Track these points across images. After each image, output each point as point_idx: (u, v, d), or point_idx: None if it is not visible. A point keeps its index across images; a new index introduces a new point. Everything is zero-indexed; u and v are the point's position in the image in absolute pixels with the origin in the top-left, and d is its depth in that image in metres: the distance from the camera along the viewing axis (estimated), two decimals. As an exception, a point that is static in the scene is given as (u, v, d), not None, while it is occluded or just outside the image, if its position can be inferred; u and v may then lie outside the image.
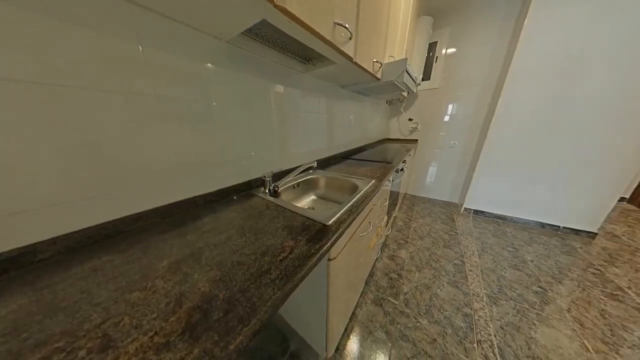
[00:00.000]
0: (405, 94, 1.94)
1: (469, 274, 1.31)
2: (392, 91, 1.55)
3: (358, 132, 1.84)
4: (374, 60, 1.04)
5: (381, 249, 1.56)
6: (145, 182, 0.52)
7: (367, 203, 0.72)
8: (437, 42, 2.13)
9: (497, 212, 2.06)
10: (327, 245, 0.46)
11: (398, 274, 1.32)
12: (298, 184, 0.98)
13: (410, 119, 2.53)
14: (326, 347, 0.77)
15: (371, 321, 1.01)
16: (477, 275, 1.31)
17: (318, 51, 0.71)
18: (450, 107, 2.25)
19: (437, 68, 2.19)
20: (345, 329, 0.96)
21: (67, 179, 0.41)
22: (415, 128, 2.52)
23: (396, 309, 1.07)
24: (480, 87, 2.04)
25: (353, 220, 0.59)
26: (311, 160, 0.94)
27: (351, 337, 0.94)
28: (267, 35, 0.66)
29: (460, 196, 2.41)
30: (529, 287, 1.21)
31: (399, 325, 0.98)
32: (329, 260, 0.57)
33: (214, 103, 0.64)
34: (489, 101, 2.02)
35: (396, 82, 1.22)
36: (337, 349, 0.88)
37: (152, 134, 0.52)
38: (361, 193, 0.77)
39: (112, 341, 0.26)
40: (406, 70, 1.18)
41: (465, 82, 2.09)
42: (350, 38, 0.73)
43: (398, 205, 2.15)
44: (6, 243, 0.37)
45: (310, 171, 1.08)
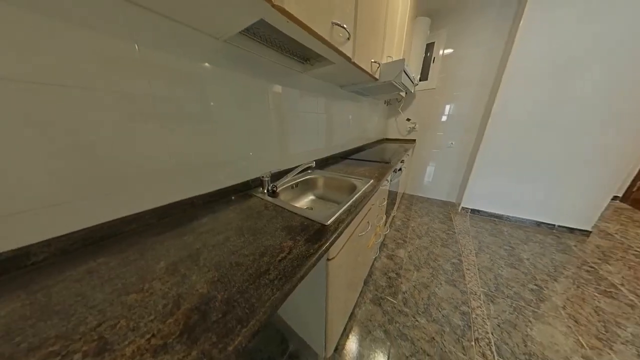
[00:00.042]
0: (403, 94, 1.95)
1: (467, 273, 1.32)
2: (390, 91, 1.56)
3: (356, 132, 1.84)
4: (372, 60, 1.04)
5: (380, 249, 1.57)
6: (141, 183, 0.52)
7: (366, 203, 0.73)
8: (434, 42, 2.14)
9: (494, 211, 2.08)
10: (326, 245, 0.46)
11: (397, 273, 1.33)
12: (297, 184, 0.98)
13: (408, 119, 2.54)
14: (325, 347, 0.76)
15: (370, 320, 1.01)
16: (474, 273, 1.32)
17: (316, 51, 0.71)
18: (447, 108, 2.27)
19: (434, 68, 2.21)
20: (344, 329, 0.96)
21: (61, 180, 0.40)
22: (413, 128, 2.54)
23: (395, 308, 1.08)
24: (476, 88, 2.06)
25: (352, 220, 0.59)
26: (310, 160, 0.94)
27: (350, 336, 0.94)
28: (265, 35, 0.65)
29: (458, 195, 2.43)
30: (525, 285, 1.23)
31: (397, 324, 0.99)
32: (328, 260, 0.57)
33: (212, 103, 0.64)
34: (485, 101, 2.04)
35: (394, 83, 1.23)
36: (336, 349, 0.88)
37: (147, 134, 0.51)
38: (360, 193, 0.77)
39: (108, 344, 0.26)
40: (404, 71, 1.19)
41: (462, 82, 2.11)
42: (348, 38, 0.73)
43: (396, 205, 2.16)
44: (-2, 245, 0.36)
45: (309, 171, 1.08)
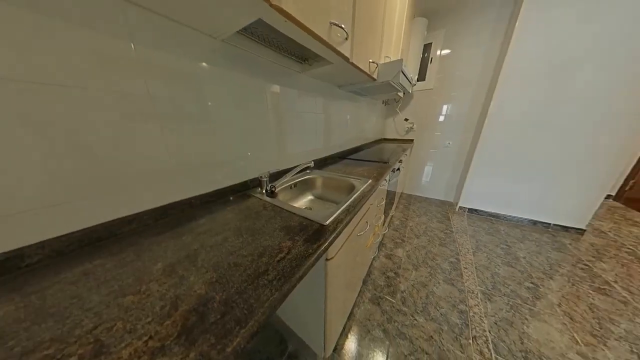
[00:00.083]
0: (401, 94, 1.96)
1: (464, 272, 1.33)
2: (388, 91, 1.57)
3: (355, 132, 1.85)
4: (370, 60, 1.04)
5: (378, 248, 1.57)
6: (141, 183, 0.51)
7: (364, 203, 0.73)
8: (431, 43, 2.16)
9: (491, 211, 2.10)
10: (325, 245, 0.46)
11: (395, 273, 1.33)
12: (295, 184, 0.97)
13: (406, 119, 2.55)
14: (324, 347, 0.77)
15: (369, 320, 1.01)
16: (471, 272, 1.33)
17: (314, 51, 0.71)
18: (445, 108, 2.29)
19: (432, 69, 2.22)
20: (343, 329, 0.96)
21: (61, 180, 0.40)
22: (411, 128, 2.55)
23: (393, 307, 1.08)
24: (473, 88, 2.07)
25: (350, 220, 0.60)
26: (308, 160, 0.94)
27: (349, 336, 0.94)
28: (263, 35, 0.65)
29: (455, 195, 2.45)
30: (521, 283, 1.24)
31: (396, 324, 0.99)
32: (327, 260, 0.57)
33: (209, 103, 0.64)
34: (482, 102, 2.06)
35: (392, 83, 1.23)
36: (335, 349, 0.88)
37: (147, 134, 0.51)
38: (358, 193, 0.77)
39: (104, 347, 0.25)
40: (402, 71, 1.19)
41: (459, 82, 2.13)
42: (346, 38, 0.73)
43: (394, 205, 2.17)
44: (-9, 247, 0.35)
45: (308, 171, 1.08)
